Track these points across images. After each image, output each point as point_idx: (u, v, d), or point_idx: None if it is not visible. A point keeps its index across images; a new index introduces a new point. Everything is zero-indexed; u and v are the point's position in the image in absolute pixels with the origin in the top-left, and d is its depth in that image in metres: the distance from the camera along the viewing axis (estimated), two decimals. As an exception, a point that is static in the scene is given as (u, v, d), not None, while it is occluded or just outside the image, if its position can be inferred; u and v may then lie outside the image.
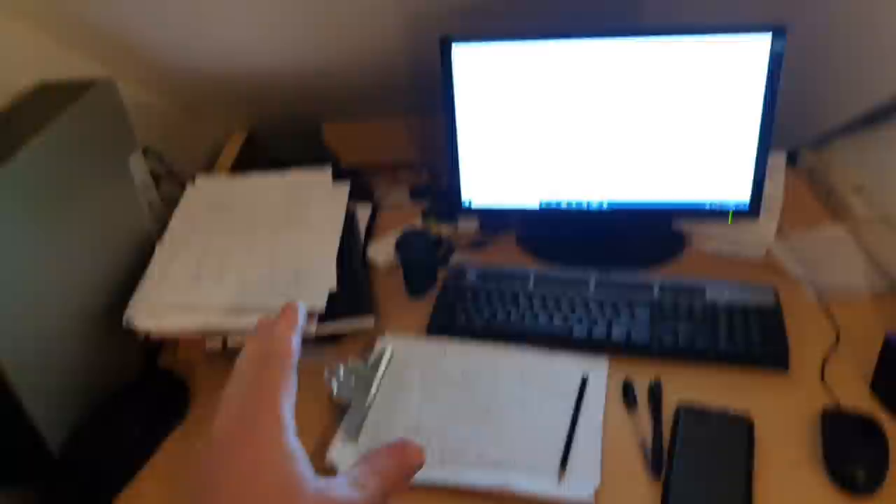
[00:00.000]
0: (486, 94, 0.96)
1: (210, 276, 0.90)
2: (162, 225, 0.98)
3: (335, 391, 0.81)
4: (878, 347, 0.77)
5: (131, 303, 0.86)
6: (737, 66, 0.88)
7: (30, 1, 0.89)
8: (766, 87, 0.87)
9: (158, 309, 0.86)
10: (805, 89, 0.93)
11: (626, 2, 0.95)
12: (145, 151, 0.99)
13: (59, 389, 0.78)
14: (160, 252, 0.93)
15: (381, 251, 1.06)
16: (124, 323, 0.84)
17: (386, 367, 0.86)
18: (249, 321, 0.84)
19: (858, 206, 1.00)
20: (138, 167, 0.96)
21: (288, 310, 0.45)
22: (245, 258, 0.93)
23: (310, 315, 0.85)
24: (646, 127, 0.93)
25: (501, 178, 1.02)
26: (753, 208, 0.96)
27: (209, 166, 1.24)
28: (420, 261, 1.00)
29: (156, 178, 1.02)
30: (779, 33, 0.85)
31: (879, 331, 0.84)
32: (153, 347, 0.92)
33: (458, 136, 0.99)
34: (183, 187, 1.05)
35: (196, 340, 0.86)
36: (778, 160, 1.03)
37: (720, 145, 0.93)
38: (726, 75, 0.88)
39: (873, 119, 0.99)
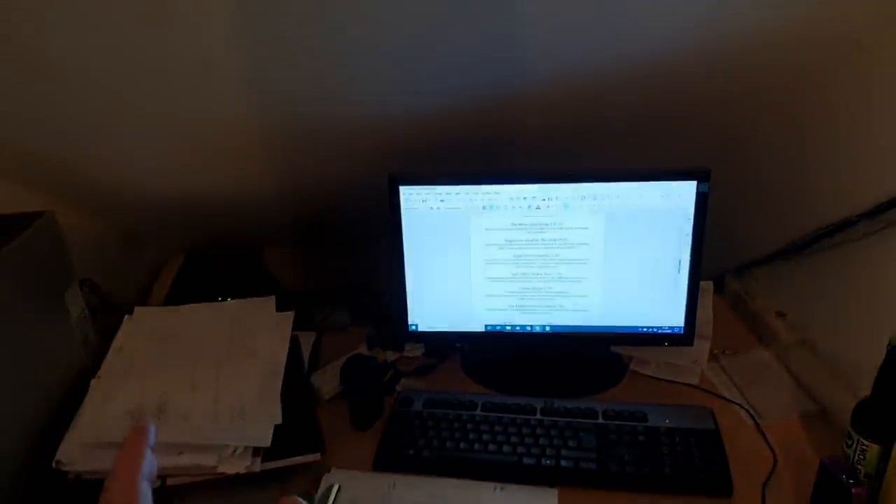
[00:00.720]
0: (431, 229, 1.00)
1: (149, 413, 0.86)
2: (98, 359, 0.95)
3: (280, 532, 0.78)
4: (812, 470, 0.80)
5: (62, 444, 0.82)
6: (668, 206, 0.95)
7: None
8: (695, 223, 0.95)
9: (92, 450, 0.81)
10: (729, 223, 1.01)
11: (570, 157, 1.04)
12: (82, 283, 0.97)
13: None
14: (95, 389, 0.89)
15: (326, 380, 1.05)
16: (54, 465, 0.79)
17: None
18: (192, 460, 0.81)
19: (781, 330, 1.07)
20: (75, 300, 0.94)
21: (131, 443, 0.42)
22: (186, 393, 0.90)
23: (255, 452, 0.83)
24: (585, 258, 0.99)
25: (446, 304, 1.05)
26: (688, 334, 1.01)
27: (146, 292, 1.21)
28: (366, 390, 0.99)
29: (92, 310, 1.00)
30: (704, 178, 0.93)
31: (812, 452, 0.89)
32: (86, 492, 0.86)
33: (404, 266, 1.02)
34: (120, 319, 1.02)
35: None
36: (706, 287, 1.10)
37: (655, 275, 0.99)
38: (659, 214, 0.96)
39: (792, 249, 1.08)
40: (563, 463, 0.87)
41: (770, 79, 0.93)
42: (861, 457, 0.75)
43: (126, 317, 1.04)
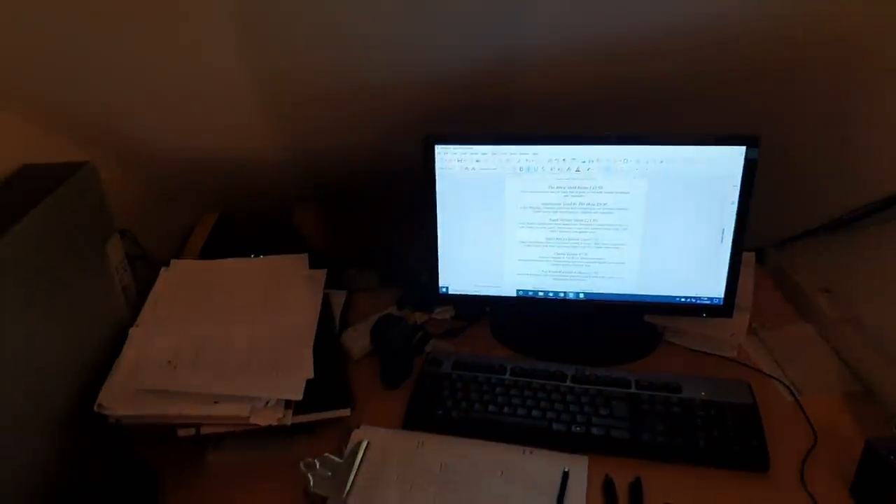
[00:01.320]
0: (465, 191, 0.98)
1: (185, 362, 0.88)
2: (136, 309, 0.96)
3: (311, 485, 0.79)
4: (854, 449, 0.77)
5: (103, 388, 0.83)
6: (714, 172, 0.92)
7: (15, 88, 0.90)
8: (741, 191, 0.91)
9: (131, 395, 0.83)
10: (775, 194, 0.97)
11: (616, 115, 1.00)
12: (122, 234, 0.98)
13: (29, 477, 0.74)
14: (134, 337, 0.91)
15: (357, 339, 1.05)
16: (95, 408, 0.80)
17: (362, 461, 0.84)
18: (225, 410, 0.82)
19: (826, 306, 1.03)
20: (115, 251, 0.95)
21: None
22: (221, 345, 0.91)
23: (286, 404, 0.84)
24: (624, 224, 0.96)
25: (478, 267, 1.03)
26: (727, 306, 0.98)
27: (180, 248, 1.23)
28: (396, 350, 0.99)
29: (130, 260, 1.01)
30: (753, 144, 0.89)
31: (854, 431, 0.86)
32: (125, 435, 0.88)
33: (437, 227, 1.01)
34: (157, 271, 1.03)
35: (169, 428, 0.83)
36: (748, 258, 1.06)
37: (697, 244, 0.96)
38: (704, 180, 0.92)
39: (839, 223, 1.04)
40: (594, 431, 0.86)
41: (818, 47, 0.88)
42: (907, 437, 0.72)
43: (163, 269, 1.05)
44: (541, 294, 1.03)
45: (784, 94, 0.98)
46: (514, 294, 1.04)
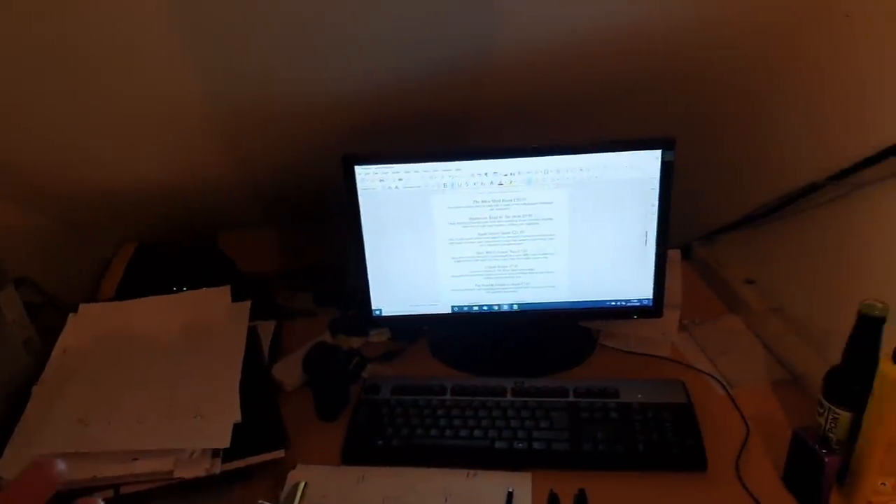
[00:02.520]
0: (391, 210, 0.96)
1: (99, 418, 0.82)
2: (41, 362, 0.89)
3: (246, 535, 0.75)
4: (784, 439, 0.79)
5: (2, 457, 0.77)
6: (633, 177, 0.92)
7: None
8: (660, 193, 0.93)
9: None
10: (695, 191, 0.99)
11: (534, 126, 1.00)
12: (19, 282, 0.91)
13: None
14: (38, 395, 0.85)
15: (289, 371, 1.01)
16: (-6, 481, 0.74)
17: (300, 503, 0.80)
18: (146, 466, 0.77)
19: (751, 297, 1.06)
20: (10, 302, 0.88)
21: (28, 477, 0.35)
22: (140, 394, 0.85)
23: (214, 453, 0.79)
24: (551, 233, 0.96)
25: (411, 286, 1.01)
26: (657, 306, 0.99)
27: (95, 286, 1.15)
28: (331, 380, 0.95)
29: (33, 308, 0.94)
30: (668, 146, 0.91)
31: (784, 420, 0.88)
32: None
33: (364, 249, 0.98)
34: (65, 317, 0.97)
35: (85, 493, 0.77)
36: (674, 256, 1.08)
37: (622, 248, 0.97)
38: (624, 186, 0.93)
39: (759, 214, 1.07)
40: (536, 445, 0.85)
41: (732, 50, 0.91)
42: (833, 425, 0.74)
43: (71, 315, 0.98)
44: (476, 309, 1.02)
45: (698, 93, 1.00)
46: (449, 311, 1.02)
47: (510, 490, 0.80)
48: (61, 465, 0.35)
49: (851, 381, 0.71)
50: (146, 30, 0.73)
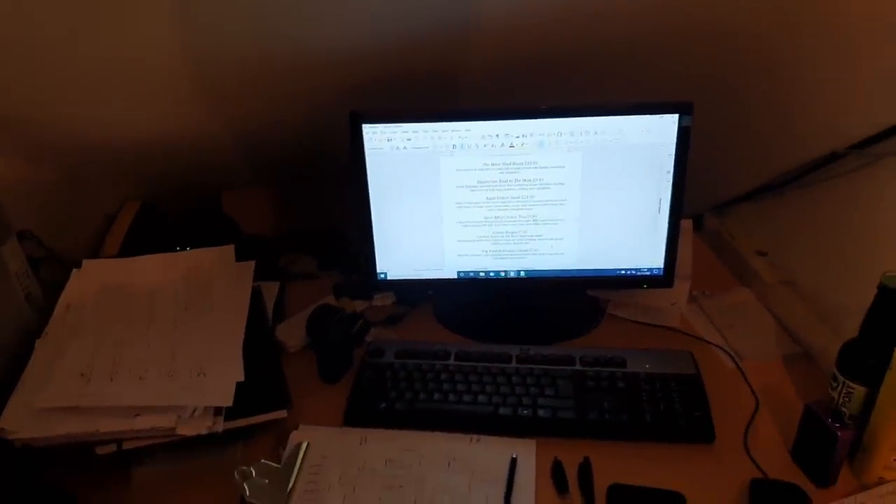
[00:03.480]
0: (398, 171, 0.93)
1: (101, 373, 0.81)
2: (45, 317, 0.88)
3: (247, 494, 0.74)
4: (794, 412, 0.78)
5: (6, 409, 0.76)
6: (648, 141, 0.90)
7: None
8: (676, 160, 0.90)
9: (39, 415, 0.76)
10: (709, 159, 0.96)
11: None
12: (21, 236, 0.89)
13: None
14: (41, 349, 0.84)
15: (292, 332, 1.00)
16: (-3, 433, 0.73)
17: (301, 464, 0.79)
18: (148, 422, 0.76)
19: (763, 270, 1.04)
20: (13, 255, 0.87)
21: None
22: (142, 351, 0.84)
23: (216, 411, 0.78)
24: (561, 199, 0.94)
25: (417, 250, 0.99)
26: (668, 276, 0.98)
27: (98, 244, 1.14)
28: (334, 342, 0.94)
29: (35, 263, 0.93)
30: (685, 111, 0.88)
31: (794, 394, 0.87)
32: (36, 459, 0.81)
33: (371, 211, 0.96)
34: (68, 272, 0.95)
35: (87, 447, 0.76)
36: (686, 226, 1.06)
37: (634, 216, 0.94)
38: (639, 151, 0.90)
39: (774, 185, 1.04)
40: (541, 412, 0.84)
41: (751, 10, 0.87)
42: (846, 399, 0.73)
43: (74, 270, 0.97)
44: (482, 275, 1.00)
45: (712, 56, 0.97)
46: (455, 276, 1.01)
47: (514, 456, 0.79)
48: None
49: (868, 355, 0.70)
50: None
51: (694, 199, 0.99)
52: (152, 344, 0.86)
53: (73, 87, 0.86)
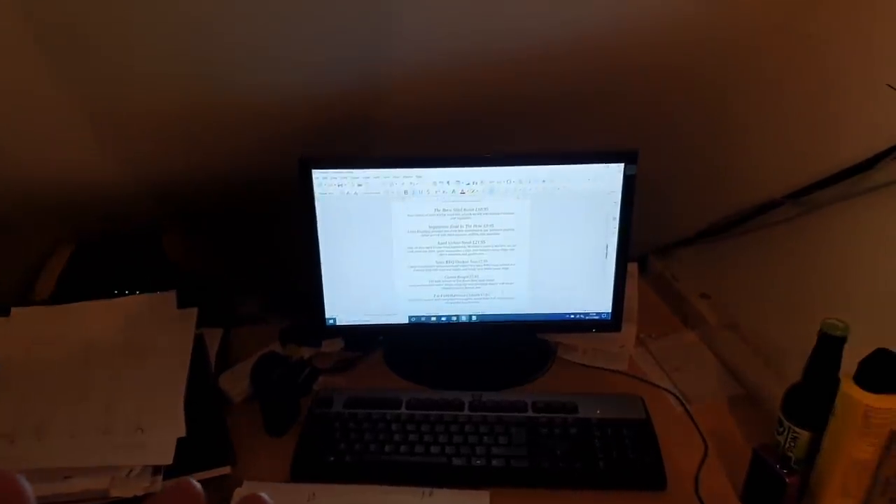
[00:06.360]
0: (349, 216, 0.92)
1: (28, 433, 0.76)
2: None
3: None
4: (742, 456, 0.79)
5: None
6: (595, 189, 0.92)
7: None
8: (622, 207, 0.92)
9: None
10: (654, 202, 0.99)
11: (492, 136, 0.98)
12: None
13: None
14: (-40, 408, 0.78)
15: (236, 382, 0.96)
16: None
17: (246, 524, 0.75)
18: (80, 485, 0.71)
19: (707, 312, 1.06)
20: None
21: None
22: (74, 407, 0.80)
23: (155, 470, 0.74)
24: (511, 244, 0.94)
25: (367, 295, 0.98)
26: (615, 319, 0.99)
27: (28, 290, 1.08)
28: (279, 393, 0.91)
29: (-42, 313, 0.87)
30: (631, 160, 0.90)
31: (741, 437, 0.88)
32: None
33: (320, 255, 0.94)
34: (-6, 322, 0.90)
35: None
36: (632, 269, 1.08)
37: (582, 261, 0.96)
38: (586, 198, 0.92)
39: (716, 229, 1.08)
40: (494, 462, 0.83)
41: (693, 61, 0.91)
42: (792, 443, 0.74)
43: (1, 319, 0.91)
44: (434, 319, 0.99)
45: (658, 107, 1.00)
46: (406, 321, 0.99)
47: (467, 512, 0.77)
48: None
49: (812, 400, 0.71)
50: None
51: (639, 241, 1.01)
52: (87, 398, 0.81)
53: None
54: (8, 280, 1.08)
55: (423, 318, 0.99)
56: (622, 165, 0.90)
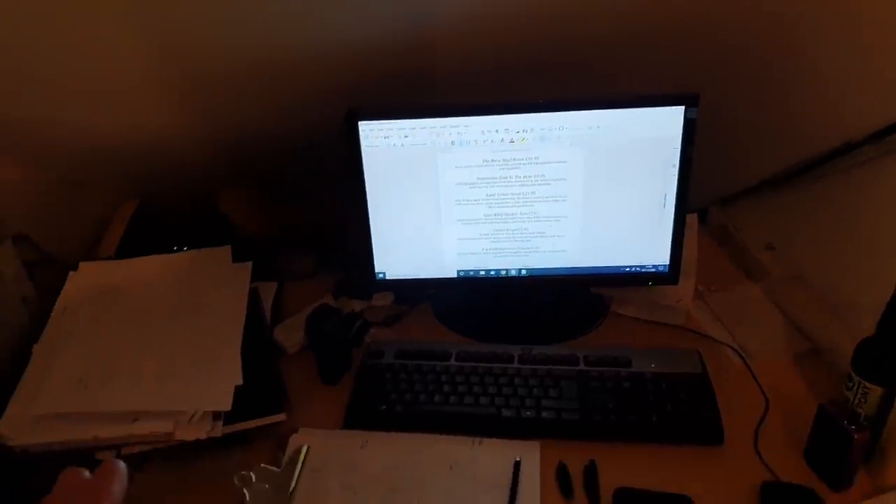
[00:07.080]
0: (395, 169, 0.91)
1: (98, 378, 0.80)
2: (42, 322, 0.87)
3: (247, 499, 0.73)
4: (806, 413, 0.76)
5: (3, 416, 0.75)
6: (653, 135, 0.87)
7: None
8: (682, 153, 0.88)
9: (37, 421, 0.75)
10: (714, 152, 0.94)
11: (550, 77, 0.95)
12: (15, 239, 0.88)
13: None
14: (38, 354, 0.83)
15: (290, 334, 0.98)
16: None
17: (302, 469, 0.78)
18: (146, 428, 0.75)
19: (771, 264, 1.01)
20: (8, 259, 0.85)
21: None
22: (138, 355, 0.83)
23: (215, 415, 0.77)
24: (563, 195, 0.92)
25: (415, 249, 0.97)
26: (673, 272, 0.95)
27: (95, 245, 1.12)
28: (333, 343, 0.93)
29: (31, 267, 0.91)
30: (692, 103, 0.85)
31: (806, 394, 0.85)
32: (34, 465, 0.80)
33: (368, 210, 0.94)
34: (64, 275, 0.94)
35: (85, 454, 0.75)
36: (691, 220, 1.03)
37: (638, 211, 0.92)
38: (643, 144, 0.88)
39: (779, 178, 1.02)
40: (545, 414, 0.82)
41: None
42: (862, 399, 0.70)
43: (70, 273, 0.96)
44: (482, 273, 0.98)
45: (715, 50, 0.94)
46: (454, 275, 0.99)
47: (518, 459, 0.77)
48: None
49: (886, 355, 0.67)
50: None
51: (698, 192, 0.97)
52: (150, 347, 0.84)
53: (62, 92, 0.85)
54: (77, 236, 1.13)
55: (471, 273, 0.99)
56: (682, 109, 0.86)
